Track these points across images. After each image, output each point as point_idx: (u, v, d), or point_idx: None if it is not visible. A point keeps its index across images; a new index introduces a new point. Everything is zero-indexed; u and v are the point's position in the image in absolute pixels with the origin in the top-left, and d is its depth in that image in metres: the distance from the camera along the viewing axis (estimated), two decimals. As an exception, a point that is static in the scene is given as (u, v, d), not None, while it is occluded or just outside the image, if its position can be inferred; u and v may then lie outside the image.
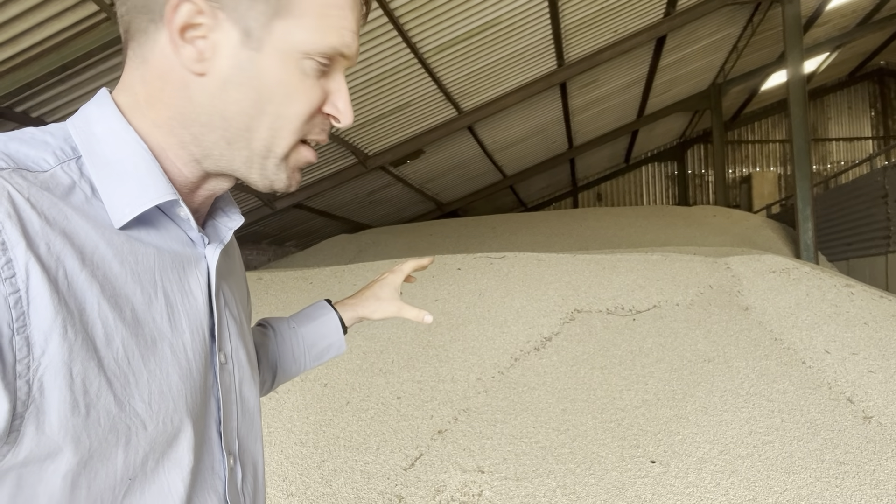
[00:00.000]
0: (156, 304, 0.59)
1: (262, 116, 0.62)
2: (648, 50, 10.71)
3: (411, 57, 7.45)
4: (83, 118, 0.61)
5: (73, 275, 0.51)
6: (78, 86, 5.23)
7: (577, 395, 3.32)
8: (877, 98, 18.27)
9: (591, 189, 20.02)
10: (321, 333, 1.06)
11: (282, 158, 0.65)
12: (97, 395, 0.51)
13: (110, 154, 0.59)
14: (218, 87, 0.60)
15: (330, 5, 0.62)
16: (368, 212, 13.14)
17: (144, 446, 0.55)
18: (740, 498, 2.49)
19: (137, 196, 0.58)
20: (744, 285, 4.51)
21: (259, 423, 0.76)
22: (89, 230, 0.54)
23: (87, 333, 0.51)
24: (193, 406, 0.61)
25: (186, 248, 0.65)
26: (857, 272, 8.58)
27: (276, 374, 1.05)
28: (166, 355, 0.58)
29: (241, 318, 0.76)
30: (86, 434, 0.50)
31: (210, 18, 0.58)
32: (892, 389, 3.16)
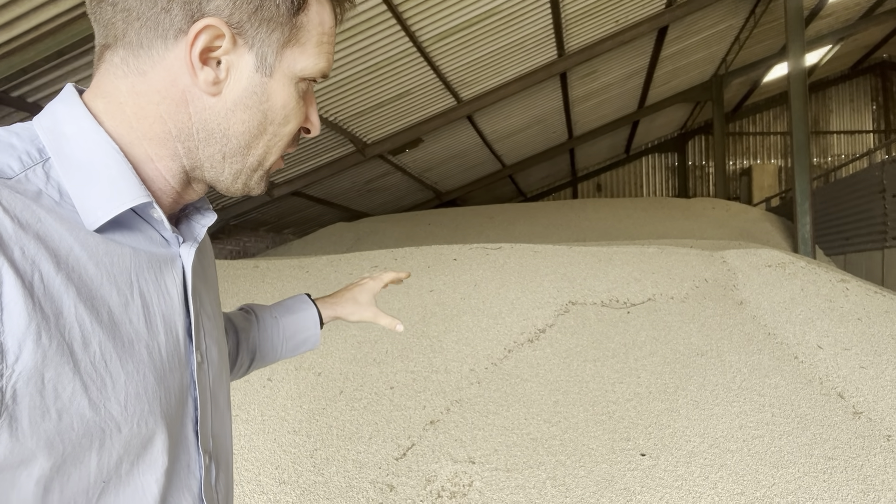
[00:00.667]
0: (132, 305, 0.59)
1: (263, 135, 0.67)
2: (650, 40, 10.67)
3: (410, 46, 7.41)
4: (51, 117, 0.61)
5: (49, 278, 0.51)
6: (74, 71, 5.21)
7: (570, 387, 3.33)
8: (879, 92, 18.22)
9: (591, 179, 20.01)
10: (300, 326, 1.09)
11: (266, 170, 0.70)
12: (70, 400, 0.51)
13: (81, 155, 0.59)
14: (227, 107, 0.63)
15: (324, 34, 0.67)
16: (367, 200, 13.12)
17: (119, 449, 0.55)
18: (729, 491, 2.51)
19: (110, 199, 0.58)
20: (739, 279, 4.52)
21: (230, 418, 0.77)
22: (63, 232, 0.54)
23: (64, 338, 0.51)
24: (168, 407, 0.61)
25: (161, 248, 0.65)
26: (853, 267, 8.60)
27: (253, 359, 1.07)
28: (143, 357, 0.58)
29: (215, 317, 0.77)
30: (59, 439, 0.50)
31: (228, 43, 0.61)
32: (883, 385, 3.18)
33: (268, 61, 0.63)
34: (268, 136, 0.67)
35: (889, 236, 7.69)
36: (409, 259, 5.26)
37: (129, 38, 0.60)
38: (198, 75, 0.60)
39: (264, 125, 0.66)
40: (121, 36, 0.61)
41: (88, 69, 5.24)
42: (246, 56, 0.62)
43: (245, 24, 0.61)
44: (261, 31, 0.62)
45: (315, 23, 0.66)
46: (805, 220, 7.94)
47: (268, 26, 0.62)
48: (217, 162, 0.66)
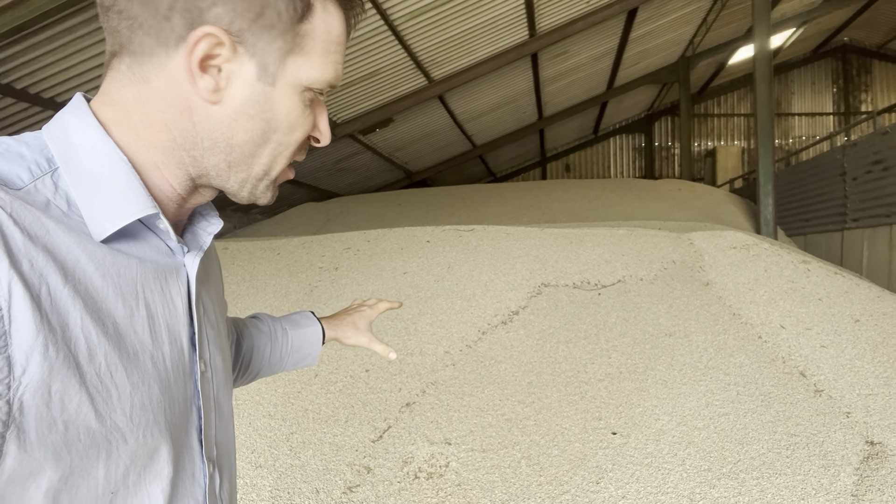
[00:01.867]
0: (137, 316, 0.59)
1: (267, 144, 0.66)
2: (620, 22, 10.71)
3: (381, 24, 7.32)
4: (60, 127, 0.60)
5: (56, 291, 0.51)
6: (33, 46, 5.02)
7: (543, 368, 3.39)
8: (839, 75, 18.64)
9: (560, 160, 20.13)
10: (305, 342, 1.13)
11: (273, 179, 0.70)
12: (76, 412, 0.51)
13: (89, 166, 0.59)
14: (229, 116, 0.63)
15: (331, 42, 0.66)
16: (336, 180, 13.00)
17: (125, 459, 0.56)
18: (696, 468, 2.60)
19: (118, 209, 0.58)
20: (706, 261, 4.63)
21: (233, 427, 0.77)
22: (70, 244, 0.54)
23: (70, 350, 0.51)
24: (173, 417, 0.61)
25: (166, 258, 0.65)
26: (813, 248, 8.86)
27: (261, 369, 1.09)
28: (147, 367, 0.59)
29: (219, 324, 0.77)
30: (66, 451, 0.50)
31: (229, 51, 0.60)
32: (843, 364, 3.30)
33: (270, 70, 0.62)
34: (272, 144, 0.66)
35: (849, 218, 7.94)
36: (381, 241, 5.25)
37: (133, 45, 0.60)
38: (198, 83, 0.60)
39: (268, 134, 0.65)
40: (126, 44, 0.61)
41: (49, 45, 5.06)
42: (247, 64, 0.61)
43: (245, 32, 0.60)
44: (262, 40, 0.61)
45: (320, 31, 0.65)
46: (768, 202, 8.12)
47: (269, 34, 0.61)
48: (222, 171, 0.66)
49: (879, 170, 7.25)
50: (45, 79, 5.54)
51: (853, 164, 7.84)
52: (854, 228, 7.84)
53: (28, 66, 5.26)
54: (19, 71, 5.29)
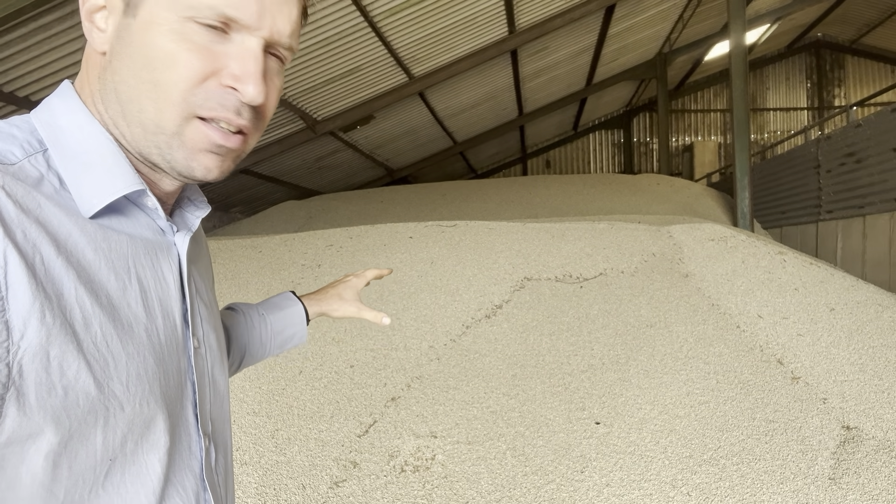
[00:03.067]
0: (130, 289, 0.60)
1: (141, 85, 0.58)
2: (598, 18, 10.79)
3: (361, 20, 7.30)
4: (47, 111, 0.62)
5: (50, 261, 0.52)
6: (7, 44, 4.93)
7: (527, 360, 3.42)
8: (813, 70, 18.94)
9: (541, 156, 20.23)
10: (287, 322, 1.09)
11: (172, 135, 0.60)
12: (75, 378, 0.52)
13: (76, 146, 0.60)
14: (111, 63, 0.60)
15: None
16: (317, 178, 12.94)
17: (122, 427, 0.57)
18: (678, 455, 2.65)
19: (105, 186, 0.59)
20: (685, 253, 4.69)
21: (228, 404, 0.79)
22: (62, 218, 0.55)
23: (66, 318, 0.52)
24: (167, 389, 0.62)
25: (157, 236, 0.66)
26: (789, 239, 9.01)
27: (243, 357, 1.07)
28: (142, 339, 0.60)
29: (211, 303, 0.78)
30: (65, 415, 0.52)
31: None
32: (819, 351, 3.38)
33: (132, 1, 0.58)
34: (147, 85, 0.58)
35: (823, 210, 8.08)
36: (364, 237, 5.25)
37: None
38: (92, 36, 0.60)
39: (139, 73, 0.58)
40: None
41: (24, 42, 4.96)
42: (118, 3, 0.59)
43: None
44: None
45: None
46: (744, 195, 8.25)
47: None
48: (137, 135, 0.61)
49: (853, 162, 7.40)
50: (20, 77, 5.45)
51: (827, 156, 7.99)
52: (828, 220, 7.99)
53: (5, 63, 5.17)
54: None
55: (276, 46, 0.64)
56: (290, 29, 0.64)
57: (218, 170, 0.64)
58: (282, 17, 0.62)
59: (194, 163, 0.62)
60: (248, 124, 0.63)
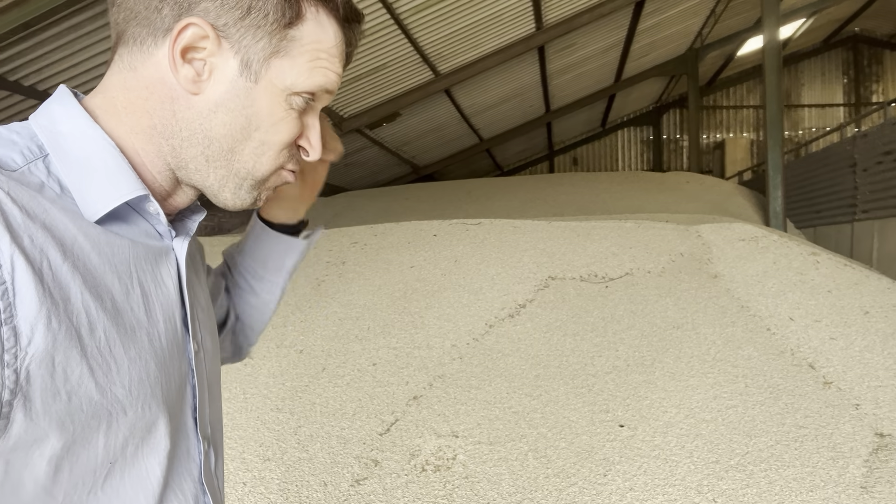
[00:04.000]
0: (133, 294, 0.61)
1: (247, 141, 0.66)
2: (627, 14, 10.63)
3: (388, 18, 7.30)
4: (47, 117, 0.63)
5: (56, 266, 0.53)
6: (41, 43, 5.04)
7: (550, 361, 3.39)
8: (850, 65, 18.45)
9: (568, 153, 20.06)
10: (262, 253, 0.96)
11: (259, 181, 0.70)
12: (79, 383, 0.53)
13: (78, 151, 0.61)
14: (209, 108, 0.64)
15: (321, 51, 0.67)
16: (343, 175, 13.01)
17: (124, 431, 0.58)
18: (704, 460, 2.59)
19: (109, 192, 0.60)
20: (713, 253, 4.60)
21: (221, 409, 0.80)
22: (67, 223, 0.56)
23: (72, 323, 0.53)
24: (169, 393, 0.63)
25: (155, 241, 0.67)
26: (823, 240, 8.80)
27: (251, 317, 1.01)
28: (144, 344, 0.61)
29: (207, 307, 0.80)
30: (69, 420, 0.52)
31: (213, 44, 0.62)
32: (852, 355, 3.28)
33: (253, 68, 0.64)
34: (253, 143, 0.66)
35: (859, 210, 7.87)
36: (388, 235, 5.26)
37: (127, 36, 0.64)
38: (179, 71, 0.62)
39: (248, 131, 0.66)
40: (122, 34, 0.64)
41: (56, 41, 5.08)
42: (230, 60, 0.63)
43: (231, 28, 0.63)
44: (246, 37, 0.63)
45: (310, 39, 0.66)
46: (777, 194, 8.07)
47: (254, 34, 0.63)
48: (201, 165, 0.66)
49: (890, 161, 7.18)
50: (53, 76, 5.56)
51: (864, 155, 7.77)
52: (864, 220, 7.78)
53: (36, 62, 5.29)
54: (27, 68, 5.32)
55: None
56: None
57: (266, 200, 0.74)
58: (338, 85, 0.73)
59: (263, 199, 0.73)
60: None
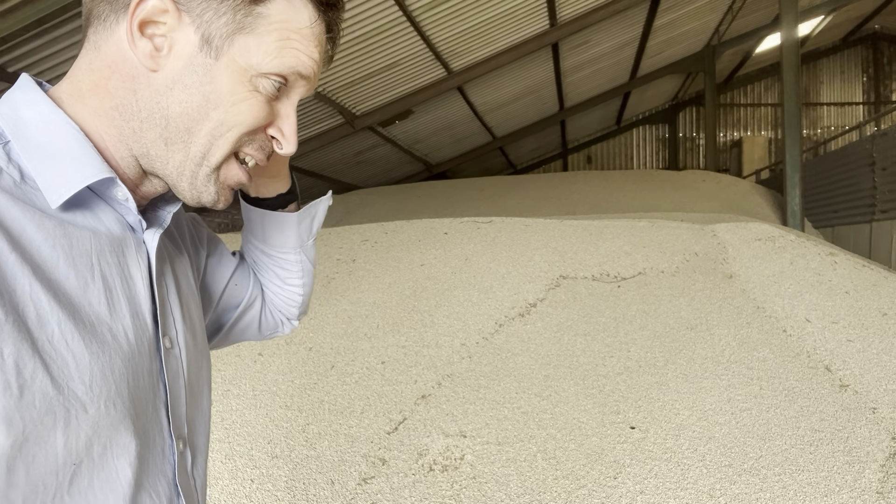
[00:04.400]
0: (92, 287, 0.59)
1: (205, 121, 0.63)
2: (643, 10, 10.53)
3: (400, 15, 7.28)
4: (9, 104, 0.61)
5: (2, 257, 0.51)
6: (55, 40, 5.07)
7: (560, 361, 3.35)
8: (869, 63, 18.16)
9: (582, 151, 19.93)
10: (274, 226, 0.95)
11: (213, 168, 0.66)
12: (32, 377, 0.51)
13: (40, 137, 0.59)
14: (166, 85, 0.62)
15: (292, 31, 0.64)
16: (356, 172, 13.02)
17: (87, 429, 0.55)
18: (717, 463, 2.55)
19: (72, 175, 0.59)
20: (729, 253, 4.54)
21: (207, 407, 0.77)
22: (16, 214, 0.54)
23: (19, 315, 0.51)
24: (137, 391, 0.61)
25: (124, 231, 0.65)
26: (841, 240, 8.66)
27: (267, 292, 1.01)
28: (107, 339, 0.58)
29: (189, 301, 0.76)
30: (18, 415, 0.50)
31: (173, 19, 0.60)
32: (869, 358, 3.22)
33: (214, 44, 0.61)
34: (211, 122, 0.63)
35: (878, 209, 7.74)
36: (399, 233, 5.24)
37: (93, 15, 0.62)
38: (137, 45, 0.60)
39: (206, 109, 0.62)
40: (90, 14, 0.63)
41: (70, 38, 5.11)
42: (191, 35, 0.61)
43: (192, 1, 0.60)
44: (208, 12, 0.61)
45: (279, 17, 0.63)
46: (794, 193, 7.96)
47: (217, 9, 0.61)
48: (160, 149, 0.64)
49: (911, 160, 7.05)
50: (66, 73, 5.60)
51: (883, 154, 7.63)
52: (883, 220, 7.64)
53: (50, 59, 5.32)
54: (41, 65, 5.36)
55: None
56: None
57: (228, 203, 0.70)
58: (317, 73, 0.70)
59: (220, 195, 0.68)
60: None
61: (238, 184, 0.69)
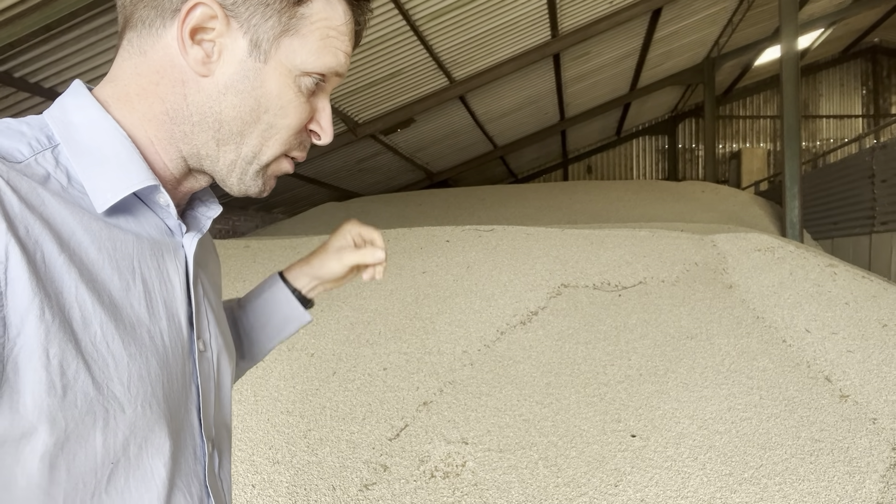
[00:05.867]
0: (133, 290, 0.60)
1: (257, 124, 0.65)
2: (643, 22, 10.60)
3: (403, 24, 7.33)
4: (60, 108, 0.62)
5: (51, 258, 0.52)
6: (62, 46, 5.11)
7: (562, 369, 3.36)
8: (869, 76, 18.26)
9: (582, 161, 20.00)
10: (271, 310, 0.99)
11: (264, 166, 0.69)
12: (75, 377, 0.52)
13: (89, 141, 0.60)
14: (218, 90, 0.63)
15: (331, 28, 0.66)
16: (358, 180, 13.05)
17: (124, 430, 0.56)
18: (717, 472, 2.56)
19: (119, 181, 0.60)
20: (729, 263, 4.56)
21: (230, 411, 0.78)
22: (66, 216, 0.55)
23: (65, 316, 0.52)
24: (171, 392, 0.62)
25: (164, 236, 0.66)
26: (840, 251, 8.68)
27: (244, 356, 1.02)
28: (145, 341, 0.59)
29: (219, 307, 0.78)
30: (61, 415, 0.51)
31: (222, 25, 0.61)
32: (869, 369, 3.23)
33: (262, 47, 0.63)
34: (262, 125, 0.65)
35: (877, 221, 7.77)
36: (401, 240, 5.26)
37: (135, 19, 0.63)
38: (188, 53, 0.61)
39: (257, 112, 0.64)
40: (129, 18, 0.63)
41: (77, 44, 5.14)
42: (240, 40, 0.62)
43: (240, 6, 0.61)
44: (255, 16, 0.62)
45: (320, 16, 0.65)
46: (794, 205, 7.98)
47: (263, 13, 0.62)
48: (212, 149, 0.66)
49: (910, 172, 7.09)
50: (74, 78, 5.63)
51: (882, 166, 7.67)
52: (883, 232, 7.67)
53: (56, 65, 5.36)
54: (47, 70, 5.39)
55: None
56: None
57: (271, 190, 0.73)
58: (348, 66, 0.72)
59: (266, 186, 0.71)
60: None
61: (284, 173, 0.72)
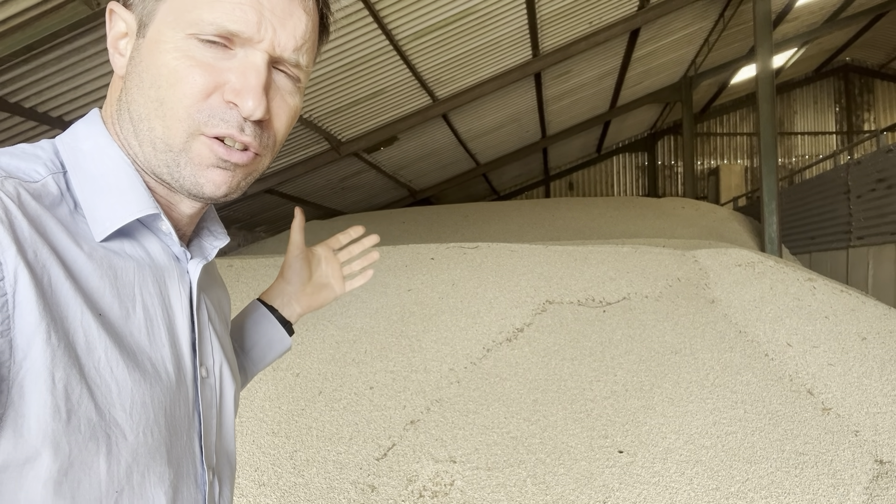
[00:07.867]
0: (134, 318, 0.59)
1: (150, 104, 0.59)
2: (622, 42, 10.79)
3: (386, 44, 7.38)
4: (72, 135, 0.63)
5: (57, 283, 0.52)
6: (43, 66, 5.07)
7: (548, 386, 3.37)
8: (841, 94, 18.71)
9: (563, 178, 20.18)
10: (255, 339, 1.00)
11: (179, 152, 0.60)
12: (79, 402, 0.51)
13: (94, 169, 0.61)
14: (125, 85, 0.62)
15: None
16: (341, 198, 13.03)
17: (127, 457, 0.55)
18: (704, 487, 2.57)
19: (119, 210, 0.60)
20: (710, 278, 4.61)
21: (234, 438, 0.77)
22: (70, 243, 0.55)
23: (70, 340, 0.52)
24: (174, 419, 0.61)
25: (170, 261, 0.65)
26: (818, 265, 8.82)
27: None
28: (147, 367, 0.59)
29: (224, 334, 0.77)
30: (65, 440, 0.50)
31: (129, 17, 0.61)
32: (850, 381, 3.28)
33: (144, 22, 0.60)
34: (155, 103, 0.58)
35: (853, 236, 7.92)
36: (386, 258, 5.25)
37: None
38: (114, 63, 0.62)
39: (148, 92, 0.59)
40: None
41: (58, 64, 5.11)
42: (134, 26, 0.61)
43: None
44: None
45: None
46: (772, 220, 8.11)
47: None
48: (149, 153, 0.61)
49: (884, 188, 7.25)
50: (53, 98, 5.59)
51: (857, 182, 7.84)
52: (859, 246, 7.82)
53: (36, 85, 5.31)
54: (28, 90, 5.34)
55: (283, 63, 0.63)
56: (296, 44, 0.63)
57: (226, 186, 0.62)
58: (285, 31, 0.61)
59: (202, 179, 0.61)
60: (254, 141, 0.62)
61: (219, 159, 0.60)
